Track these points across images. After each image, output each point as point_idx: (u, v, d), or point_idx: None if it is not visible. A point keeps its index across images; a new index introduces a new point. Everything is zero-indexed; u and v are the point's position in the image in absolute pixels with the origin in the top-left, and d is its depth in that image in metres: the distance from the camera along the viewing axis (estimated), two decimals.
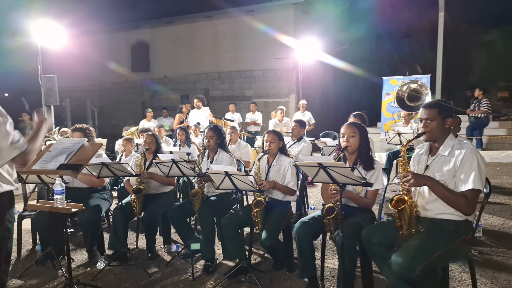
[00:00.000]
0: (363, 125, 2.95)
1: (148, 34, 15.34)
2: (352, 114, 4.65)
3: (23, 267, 3.41)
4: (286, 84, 13.06)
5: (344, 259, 2.49)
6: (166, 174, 3.37)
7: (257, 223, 3.11)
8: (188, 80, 14.50)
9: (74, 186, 3.63)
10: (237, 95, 13.64)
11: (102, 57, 14.88)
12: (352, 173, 2.32)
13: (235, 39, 13.50)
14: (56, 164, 2.47)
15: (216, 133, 3.66)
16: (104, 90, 16.49)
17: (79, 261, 3.61)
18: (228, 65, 13.73)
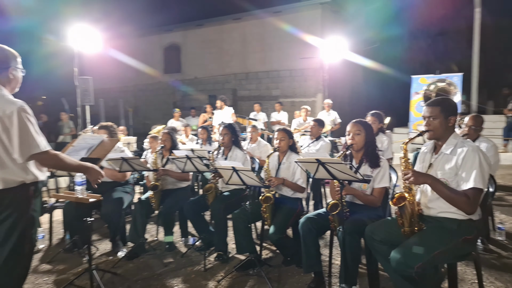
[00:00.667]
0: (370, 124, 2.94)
1: (179, 36, 15.82)
2: (369, 113, 4.60)
3: (53, 253, 3.70)
4: (313, 84, 13.00)
5: (346, 255, 2.52)
6: (182, 169, 3.52)
7: (266, 218, 3.20)
8: (217, 81, 14.81)
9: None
10: (264, 95, 13.76)
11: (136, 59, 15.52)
12: (350, 170, 2.34)
13: (262, 40, 13.63)
14: (77, 157, 2.68)
15: (230, 130, 3.78)
16: (138, 91, 17.21)
17: (103, 250, 3.86)
18: (255, 65, 13.89)
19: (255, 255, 3.15)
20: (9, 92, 2.18)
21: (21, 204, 2.13)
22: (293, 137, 3.46)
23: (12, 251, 2.11)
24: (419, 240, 2.23)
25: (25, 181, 2.11)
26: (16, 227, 2.11)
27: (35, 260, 3.58)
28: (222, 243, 3.42)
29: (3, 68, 2.13)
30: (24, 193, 2.14)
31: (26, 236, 2.16)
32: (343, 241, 2.51)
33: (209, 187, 3.59)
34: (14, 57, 2.20)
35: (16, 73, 2.21)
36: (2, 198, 2.07)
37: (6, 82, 2.15)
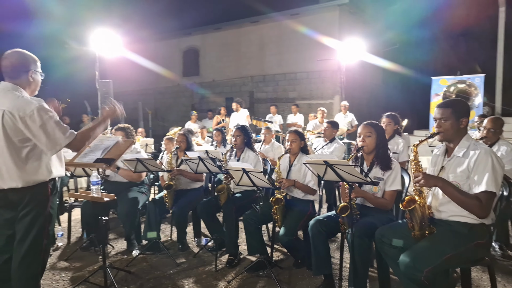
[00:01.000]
0: (381, 126, 2.91)
1: (198, 40, 16.02)
2: (385, 115, 4.53)
3: (70, 251, 3.82)
4: (331, 86, 12.90)
5: (355, 258, 2.50)
6: (194, 170, 3.58)
7: (276, 220, 3.21)
8: (234, 83, 14.91)
9: (115, 180, 4.00)
10: (281, 97, 13.75)
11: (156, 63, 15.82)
12: (357, 171, 2.32)
13: (279, 42, 13.64)
14: (93, 158, 2.76)
15: (243, 132, 3.82)
16: (158, 94, 17.52)
17: (119, 248, 3.96)
18: (272, 68, 13.91)
19: (265, 257, 3.16)
20: (29, 94, 2.29)
21: (40, 201, 2.22)
22: (305, 139, 3.46)
23: (31, 246, 2.21)
24: (429, 244, 2.19)
25: (44, 179, 2.21)
26: (35, 223, 2.21)
27: (53, 257, 3.71)
28: (233, 245, 3.44)
29: (23, 72, 2.24)
30: (43, 191, 2.24)
31: (44, 232, 2.26)
32: (352, 244, 2.49)
33: (221, 188, 3.63)
34: (34, 61, 2.31)
35: (35, 76, 2.32)
36: (22, 196, 2.17)
37: (26, 85, 2.26)
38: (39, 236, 2.22)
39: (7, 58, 2.20)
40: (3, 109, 2.09)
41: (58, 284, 3.11)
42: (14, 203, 2.19)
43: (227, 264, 3.37)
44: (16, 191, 2.15)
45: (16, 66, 2.20)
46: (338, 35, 12.15)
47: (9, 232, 2.23)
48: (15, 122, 2.09)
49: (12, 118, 2.08)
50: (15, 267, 2.19)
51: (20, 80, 2.23)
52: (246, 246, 3.66)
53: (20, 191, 2.16)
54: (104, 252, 2.99)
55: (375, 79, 16.40)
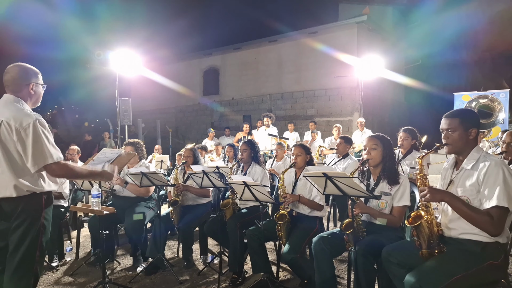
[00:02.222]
0: (388, 138, 2.78)
1: (218, 60, 16.35)
2: (402, 129, 4.38)
3: (77, 266, 3.82)
4: (350, 103, 12.73)
5: (359, 277, 2.34)
6: (199, 185, 3.53)
7: (281, 237, 3.09)
8: (252, 101, 15.01)
9: (123, 195, 4.01)
10: (299, 115, 13.68)
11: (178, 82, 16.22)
12: (357, 184, 2.20)
13: (297, 60, 13.69)
14: None
15: (250, 146, 3.76)
16: (178, 112, 17.87)
17: (124, 265, 3.93)
18: (290, 85, 13.93)
19: (268, 275, 3.03)
20: (30, 106, 2.33)
21: (33, 212, 2.22)
22: (310, 153, 3.36)
23: (23, 258, 2.19)
24: (437, 263, 2.02)
25: (36, 191, 2.21)
26: (28, 234, 2.20)
27: (59, 272, 3.72)
28: (237, 263, 3.34)
29: (25, 85, 2.29)
30: (36, 202, 2.23)
31: (37, 243, 2.24)
32: (355, 263, 2.34)
33: (226, 203, 3.56)
34: (35, 74, 2.36)
35: (37, 88, 2.37)
36: (15, 206, 2.18)
37: (27, 97, 2.31)
38: (32, 247, 2.20)
39: (8, 72, 2.27)
40: (1, 119, 2.13)
41: None
42: (7, 214, 2.19)
43: (230, 283, 3.25)
44: (10, 201, 2.16)
45: (16, 80, 2.26)
46: (356, 52, 12.08)
47: (1, 243, 2.23)
48: (10, 133, 2.12)
49: (8, 128, 2.12)
50: (7, 279, 2.17)
51: (22, 93, 2.28)
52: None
53: (13, 201, 2.16)
54: (104, 267, 2.96)
55: (396, 96, 16.10)
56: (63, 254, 4.12)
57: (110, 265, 3.89)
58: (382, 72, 11.34)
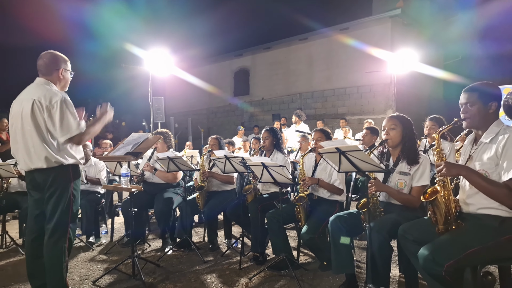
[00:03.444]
0: (408, 118, 2.78)
1: (248, 60, 16.60)
2: (428, 118, 4.31)
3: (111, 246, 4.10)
4: (383, 100, 12.46)
5: (373, 253, 2.37)
6: (222, 170, 3.68)
7: (300, 219, 3.17)
8: (282, 101, 15.08)
9: (153, 181, 4.26)
10: (329, 113, 13.58)
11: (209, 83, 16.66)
12: (370, 158, 2.24)
13: (328, 58, 13.61)
14: (124, 151, 3.02)
15: (272, 134, 3.86)
16: (210, 113, 18.31)
17: (154, 247, 4.16)
18: (321, 83, 13.85)
19: (288, 255, 3.11)
20: (59, 89, 2.62)
21: (63, 183, 2.50)
22: (331, 137, 3.40)
23: (57, 225, 2.47)
24: (452, 237, 2.03)
25: (63, 162, 2.48)
26: (60, 203, 2.49)
27: (95, 251, 4.01)
28: (259, 245, 3.45)
29: (55, 69, 2.59)
30: (65, 173, 2.52)
31: (69, 211, 2.51)
32: (369, 239, 2.37)
33: (248, 188, 3.69)
34: (64, 61, 2.66)
35: (65, 74, 2.66)
36: (47, 177, 2.47)
37: (57, 81, 2.61)
38: (64, 215, 2.47)
39: (42, 58, 2.59)
40: (33, 98, 2.42)
41: (93, 273, 3.35)
42: (40, 185, 2.49)
43: (252, 259, 3.37)
44: (41, 172, 2.46)
45: (48, 65, 2.57)
46: (390, 47, 11.82)
47: (37, 211, 2.53)
48: (41, 110, 2.42)
49: (40, 106, 2.43)
50: (45, 243, 2.45)
51: (51, 77, 2.58)
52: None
53: (44, 172, 2.46)
54: (134, 242, 3.17)
55: (434, 92, 15.52)
56: (99, 237, 4.43)
57: (141, 246, 4.15)
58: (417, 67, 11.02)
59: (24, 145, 2.48)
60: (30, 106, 2.42)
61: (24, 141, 2.48)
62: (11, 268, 3.51)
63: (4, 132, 6.75)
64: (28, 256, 2.57)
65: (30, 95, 2.47)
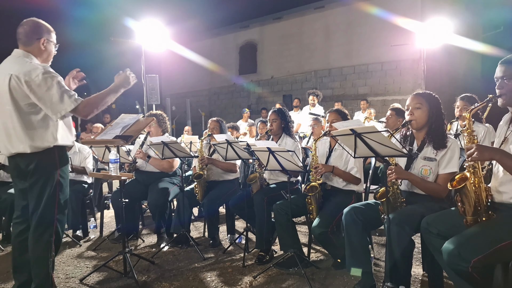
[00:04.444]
0: (435, 96, 2.77)
1: (256, 33, 16.51)
2: (459, 97, 4.28)
3: (100, 242, 4.20)
4: (411, 78, 12.34)
5: (392, 248, 2.40)
6: (224, 157, 3.72)
7: (311, 211, 3.21)
8: (295, 80, 15.03)
9: (146, 170, 4.33)
10: (349, 94, 13.52)
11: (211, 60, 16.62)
12: (390, 141, 2.25)
13: (348, 30, 13.47)
14: (112, 135, 3.07)
15: (280, 116, 3.87)
16: (213, 95, 18.36)
17: (149, 242, 4.26)
18: (339, 60, 13.75)
19: (297, 251, 3.16)
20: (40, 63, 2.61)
21: (47, 169, 2.54)
22: (348, 118, 3.41)
23: (42, 215, 2.52)
24: (480, 229, 2.05)
25: (49, 145, 2.51)
26: (45, 192, 2.52)
27: (82, 247, 4.12)
28: (264, 240, 3.50)
29: (36, 39, 2.58)
30: (50, 158, 2.55)
31: (55, 200, 2.56)
32: (388, 232, 2.40)
33: (253, 177, 3.73)
34: (48, 31, 2.66)
35: (48, 45, 2.65)
36: (29, 162, 2.50)
37: (38, 53, 2.60)
38: (50, 205, 2.52)
39: (22, 25, 2.59)
40: (10, 73, 2.43)
41: (80, 270, 3.45)
42: (24, 172, 2.52)
43: (257, 260, 3.44)
44: (24, 157, 2.49)
45: (28, 33, 2.57)
46: (419, 17, 11.63)
47: (23, 202, 2.59)
48: (21, 86, 2.41)
49: (18, 82, 2.41)
50: (30, 237, 2.52)
51: (32, 48, 2.58)
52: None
53: (27, 157, 2.49)
54: (125, 237, 3.25)
55: (471, 70, 15.31)
56: (87, 231, 4.55)
57: (134, 242, 4.25)
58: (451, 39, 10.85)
59: (4, 127, 2.51)
60: (7, 83, 2.42)
61: (3, 122, 2.51)
62: None
63: None
64: (15, 249, 2.64)
65: (7, 69, 2.46)
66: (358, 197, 3.34)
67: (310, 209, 3.21)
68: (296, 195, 3.52)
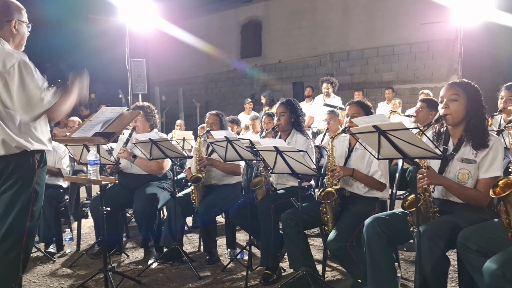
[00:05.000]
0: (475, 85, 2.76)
1: (261, 9, 16.47)
2: (504, 86, 4.26)
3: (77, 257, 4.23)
4: (445, 62, 12.27)
5: (422, 266, 2.40)
6: (223, 157, 3.73)
7: (326, 222, 3.21)
8: (307, 65, 15.00)
9: (132, 172, 4.36)
10: (371, 81, 13.46)
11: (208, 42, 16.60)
12: (421, 140, 2.24)
13: (370, 4, 13.39)
14: (91, 132, 3.08)
15: (289, 109, 3.86)
16: (209, 82, 18.35)
17: (134, 258, 4.30)
18: (360, 41, 13.68)
19: (309, 269, 3.16)
20: (13, 48, 2.63)
21: (25, 172, 2.56)
22: (372, 112, 3.40)
23: (12, 227, 2.54)
24: None
25: (27, 148, 2.53)
26: (19, 199, 2.55)
27: (56, 263, 4.15)
28: (270, 256, 3.51)
29: (6, 21, 2.59)
30: (28, 162, 2.57)
31: (28, 211, 2.58)
32: (418, 247, 2.40)
33: (258, 182, 3.74)
34: (18, 10, 2.67)
35: (20, 27, 2.67)
36: (5, 166, 2.52)
37: (9, 37, 2.62)
38: (22, 216, 2.54)
39: None
40: None
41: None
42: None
43: (262, 280, 3.45)
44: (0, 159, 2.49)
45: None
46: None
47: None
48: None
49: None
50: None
51: (2, 32, 2.59)
52: None
53: (3, 159, 2.50)
54: (106, 251, 3.27)
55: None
56: (62, 245, 4.58)
57: (117, 257, 4.29)
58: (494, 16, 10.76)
59: None
60: None
61: None
62: None
63: None
64: None
65: None
66: (382, 205, 3.33)
67: (325, 219, 3.20)
68: (308, 202, 3.52)
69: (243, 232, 4.67)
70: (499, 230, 2.25)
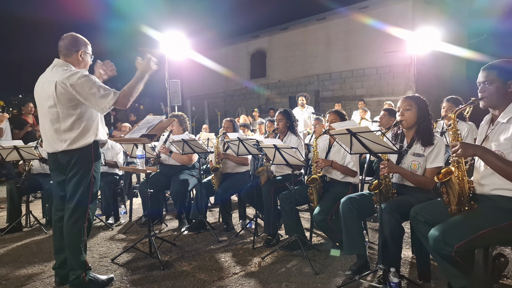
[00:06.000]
0: (423, 98, 2.72)
1: (265, 42, 16.41)
2: (445, 99, 4.19)
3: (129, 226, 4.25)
4: (403, 81, 12.16)
5: (384, 234, 2.38)
6: (236, 152, 3.72)
7: (312, 200, 3.19)
8: (299, 83, 14.93)
9: (169, 163, 4.35)
10: (347, 95, 13.38)
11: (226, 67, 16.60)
12: (382, 139, 2.21)
13: (347, 38, 13.31)
14: (139, 134, 3.08)
15: (285, 116, 3.84)
16: (227, 96, 18.34)
17: (171, 227, 4.29)
18: (339, 65, 13.61)
19: (300, 235, 3.15)
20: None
21: (85, 164, 2.57)
22: (346, 119, 3.37)
23: (77, 205, 2.55)
24: (463, 218, 2.01)
25: (86, 143, 2.54)
26: (81, 184, 2.55)
27: (114, 231, 4.16)
28: (271, 226, 3.50)
29: (74, 51, 2.60)
30: (86, 155, 2.58)
31: (89, 192, 2.59)
32: (380, 219, 2.37)
33: (261, 170, 3.72)
34: (84, 43, 2.67)
35: (85, 56, 2.67)
36: (70, 159, 2.53)
37: (76, 63, 2.62)
38: (84, 196, 2.55)
39: (63, 39, 2.60)
40: (55, 80, 2.45)
41: (112, 251, 3.49)
42: (63, 167, 2.55)
43: (265, 243, 3.43)
44: (65, 154, 2.52)
45: (68, 46, 2.58)
46: (410, 26, 11.45)
47: (61, 193, 2.62)
48: (67, 89, 2.44)
49: (65, 86, 2.44)
50: (65, 222, 2.55)
51: (71, 58, 2.60)
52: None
53: (68, 154, 2.52)
54: (150, 221, 3.27)
55: (457, 73, 15.01)
56: (118, 217, 4.59)
57: (159, 226, 4.28)
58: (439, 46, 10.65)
59: (48, 128, 2.54)
60: (53, 89, 2.44)
61: (48, 123, 2.53)
62: (34, 246, 3.70)
63: (30, 115, 6.99)
64: (55, 234, 2.68)
65: (51, 77, 2.49)
66: (354, 188, 3.30)
67: (312, 198, 3.19)
68: (299, 186, 3.50)
69: (251, 207, 4.65)
70: (441, 206, 2.22)
